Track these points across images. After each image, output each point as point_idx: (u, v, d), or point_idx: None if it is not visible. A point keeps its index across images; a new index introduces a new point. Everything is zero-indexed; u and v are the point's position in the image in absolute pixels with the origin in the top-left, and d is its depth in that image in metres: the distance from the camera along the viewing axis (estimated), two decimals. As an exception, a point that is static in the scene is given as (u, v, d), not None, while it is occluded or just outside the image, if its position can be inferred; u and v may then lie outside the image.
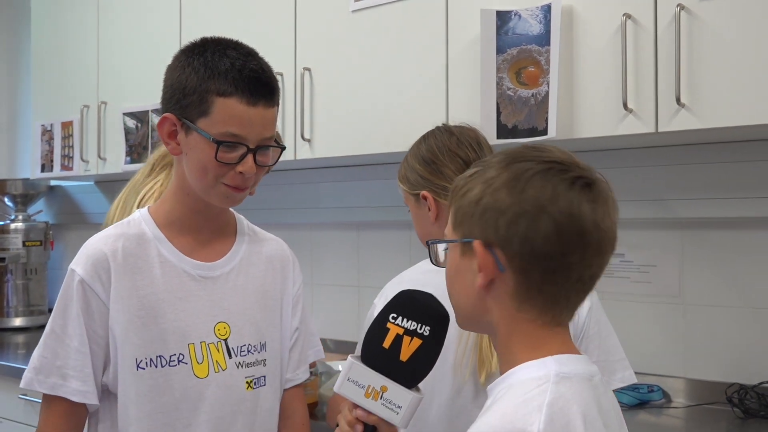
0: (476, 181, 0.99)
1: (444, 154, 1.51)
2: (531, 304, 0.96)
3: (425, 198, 1.51)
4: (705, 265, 2.17)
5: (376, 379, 1.12)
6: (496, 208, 0.95)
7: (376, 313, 1.50)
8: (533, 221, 0.93)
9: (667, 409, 2.12)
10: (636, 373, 2.19)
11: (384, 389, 1.11)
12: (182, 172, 1.39)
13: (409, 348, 1.11)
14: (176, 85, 1.34)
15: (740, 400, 2.00)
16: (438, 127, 1.58)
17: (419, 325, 1.11)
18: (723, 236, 2.15)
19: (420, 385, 1.15)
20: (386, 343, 1.11)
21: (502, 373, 0.99)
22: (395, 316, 1.12)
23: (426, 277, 1.47)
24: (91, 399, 1.35)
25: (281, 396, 1.52)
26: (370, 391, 1.12)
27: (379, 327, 1.13)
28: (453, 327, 1.41)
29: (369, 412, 1.13)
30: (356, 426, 1.15)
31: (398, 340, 1.11)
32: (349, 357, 1.15)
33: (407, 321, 1.11)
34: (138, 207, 1.72)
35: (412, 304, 1.12)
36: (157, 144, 1.95)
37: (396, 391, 1.11)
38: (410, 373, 1.12)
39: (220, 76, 1.30)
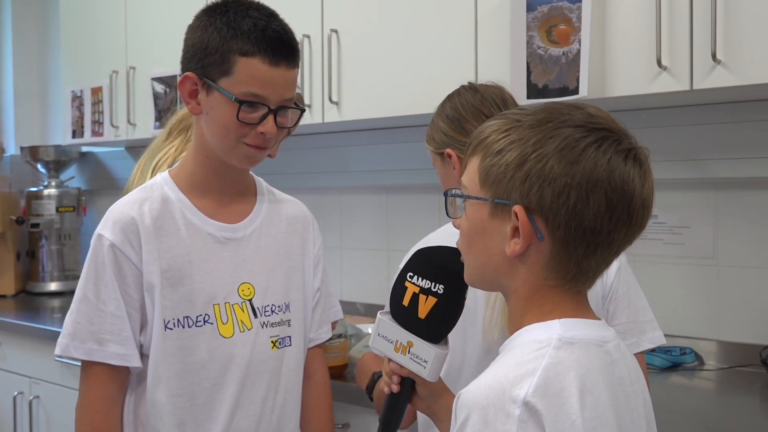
0: (512, 141, 0.93)
1: (468, 111, 1.49)
2: (562, 273, 0.93)
3: (449, 156, 1.49)
4: (740, 226, 2.13)
5: (402, 335, 1.15)
6: (543, 176, 0.90)
7: None
8: (585, 196, 0.89)
9: (699, 372, 2.10)
10: (668, 335, 2.18)
11: (410, 344, 1.14)
12: (202, 133, 1.40)
13: (425, 306, 1.13)
14: (198, 45, 1.34)
15: (775, 363, 1.98)
16: (463, 86, 1.56)
17: (433, 283, 1.13)
18: (758, 196, 2.11)
19: (451, 344, 1.17)
20: (405, 302, 1.14)
21: (510, 333, 0.97)
22: (411, 275, 1.14)
23: (452, 239, 1.47)
24: (132, 361, 1.37)
25: (305, 356, 1.54)
26: (398, 346, 1.15)
27: (399, 285, 1.16)
28: (480, 302, 1.41)
29: (401, 366, 1.16)
30: (393, 377, 1.18)
31: (415, 298, 1.13)
32: (379, 313, 1.18)
33: (422, 280, 1.13)
34: (153, 172, 1.73)
35: (427, 262, 1.14)
36: (176, 109, 1.97)
37: (421, 346, 1.13)
38: (431, 329, 1.14)
39: (243, 35, 1.30)
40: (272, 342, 1.45)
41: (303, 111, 1.42)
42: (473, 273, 1.02)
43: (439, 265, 1.14)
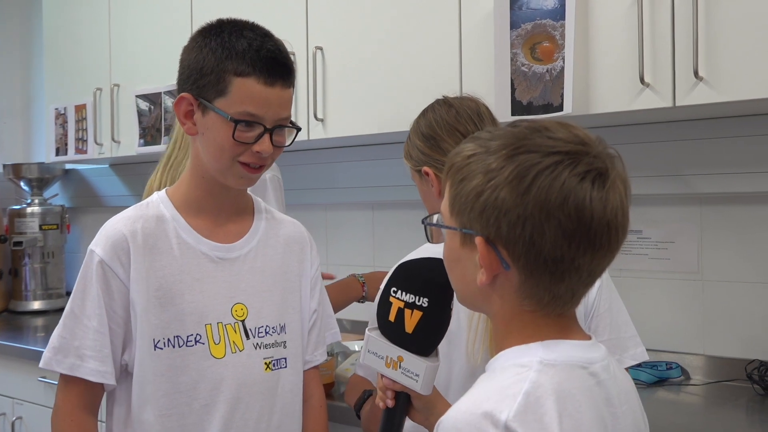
0: (476, 168, 0.91)
1: (442, 128, 1.49)
2: (536, 299, 0.92)
3: (427, 174, 1.51)
4: (724, 240, 2.15)
5: (392, 350, 1.14)
6: (498, 207, 0.88)
7: None
8: (540, 226, 0.86)
9: (686, 387, 2.11)
10: (654, 350, 2.19)
11: (400, 359, 1.13)
12: (197, 154, 1.40)
13: (411, 320, 1.12)
14: (193, 66, 1.34)
15: (760, 377, 1.98)
16: (438, 100, 1.56)
17: (417, 297, 1.12)
18: (742, 211, 2.12)
19: (438, 362, 1.16)
20: (391, 317, 1.13)
21: (494, 354, 0.97)
22: (395, 290, 1.14)
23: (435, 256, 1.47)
24: (108, 379, 1.37)
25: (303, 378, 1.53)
26: (389, 361, 1.14)
27: (384, 301, 1.15)
28: (464, 312, 1.41)
29: (393, 381, 1.15)
30: (387, 392, 1.18)
31: (401, 313, 1.12)
32: (367, 330, 1.18)
33: (406, 294, 1.12)
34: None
35: (410, 276, 1.14)
36: (161, 126, 1.96)
37: (411, 360, 1.13)
38: (419, 343, 1.13)
39: (238, 56, 1.31)
40: (266, 363, 1.43)
41: (299, 130, 1.43)
42: (459, 297, 1.02)
43: (422, 278, 1.13)
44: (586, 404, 0.89)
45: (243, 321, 1.42)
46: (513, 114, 1.98)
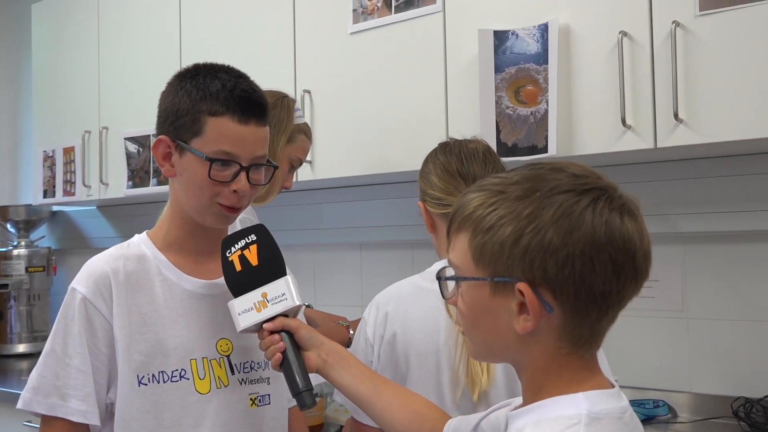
0: (503, 214, 0.90)
1: (430, 160, 1.55)
2: (574, 340, 0.91)
3: (420, 207, 1.55)
4: (708, 278, 2.18)
5: (254, 295, 1.28)
6: (544, 249, 0.87)
7: (367, 329, 1.50)
8: (590, 262, 0.87)
9: (673, 425, 2.11)
10: (641, 388, 2.21)
11: (265, 295, 1.28)
12: (176, 196, 1.41)
13: (253, 254, 1.30)
14: (170, 109, 1.37)
15: (746, 414, 2.00)
16: (445, 142, 1.60)
17: (245, 238, 1.31)
18: (725, 250, 2.15)
19: (291, 274, 1.31)
20: (238, 268, 1.29)
21: (525, 401, 0.96)
22: (228, 251, 1.31)
23: (419, 293, 1.48)
24: (92, 419, 1.34)
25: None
26: (257, 305, 1.28)
27: (227, 266, 1.30)
28: (446, 368, 1.40)
29: (272, 321, 1.26)
30: (272, 339, 1.26)
31: (242, 258, 1.30)
32: (228, 303, 1.30)
33: (236, 245, 1.31)
34: None
35: (229, 238, 1.32)
36: (149, 168, 1.96)
37: (273, 287, 1.28)
38: (269, 268, 1.29)
39: (212, 96, 1.33)
40: (251, 399, 1.42)
41: (276, 168, 1.44)
42: (481, 350, 1.00)
43: (238, 231, 1.32)
44: None
45: (228, 356, 1.41)
46: (499, 156, 2.01)
